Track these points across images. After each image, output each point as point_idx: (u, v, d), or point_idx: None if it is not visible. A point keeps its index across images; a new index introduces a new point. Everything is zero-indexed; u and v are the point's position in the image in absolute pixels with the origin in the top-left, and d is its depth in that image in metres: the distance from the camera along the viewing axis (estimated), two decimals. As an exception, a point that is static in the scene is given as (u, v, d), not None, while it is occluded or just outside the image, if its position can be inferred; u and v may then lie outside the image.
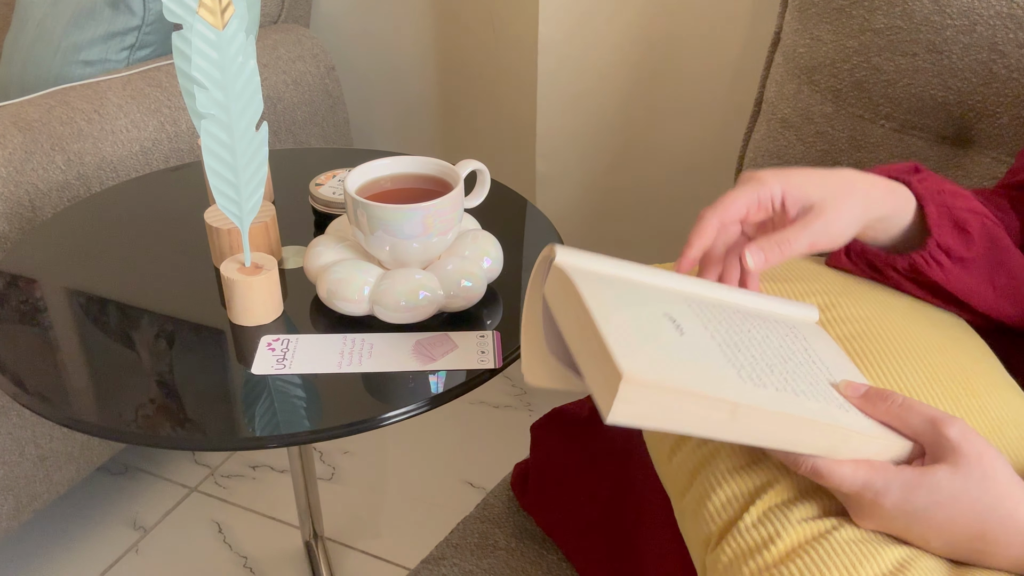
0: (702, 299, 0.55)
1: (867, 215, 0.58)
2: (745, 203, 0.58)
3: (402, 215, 0.68)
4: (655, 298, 0.52)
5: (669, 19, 1.35)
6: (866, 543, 0.47)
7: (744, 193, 0.57)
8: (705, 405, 0.45)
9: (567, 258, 0.53)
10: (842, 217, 0.57)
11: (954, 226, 0.61)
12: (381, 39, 1.64)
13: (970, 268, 0.63)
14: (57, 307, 0.77)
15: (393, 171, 0.76)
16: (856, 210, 0.57)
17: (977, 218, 0.61)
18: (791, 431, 0.47)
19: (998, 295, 0.64)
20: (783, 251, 0.56)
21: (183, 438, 0.63)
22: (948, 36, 0.86)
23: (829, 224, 0.56)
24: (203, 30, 0.62)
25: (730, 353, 0.49)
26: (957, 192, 0.62)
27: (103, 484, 1.44)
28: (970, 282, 0.63)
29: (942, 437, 0.47)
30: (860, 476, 0.47)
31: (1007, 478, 0.46)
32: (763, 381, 0.48)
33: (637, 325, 0.48)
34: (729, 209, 0.57)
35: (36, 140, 1.09)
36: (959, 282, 0.63)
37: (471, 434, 1.54)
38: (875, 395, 0.50)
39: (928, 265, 0.62)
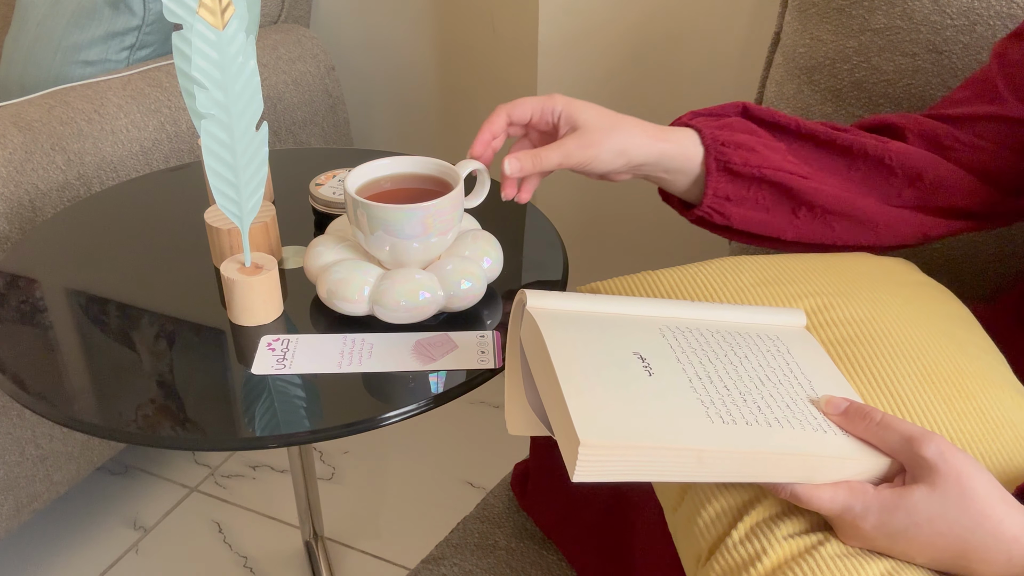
0: (679, 323, 0.55)
1: (632, 151, 0.67)
2: (531, 108, 0.69)
3: (402, 215, 0.68)
4: (627, 334, 0.53)
5: (669, 20, 1.35)
6: (851, 558, 0.47)
7: (534, 100, 0.70)
8: (670, 455, 0.45)
9: (538, 302, 0.53)
10: (597, 144, 0.66)
11: (730, 174, 0.69)
12: (381, 39, 1.64)
13: (761, 207, 0.70)
14: (57, 307, 0.77)
15: (393, 171, 0.75)
16: (616, 144, 0.67)
17: (756, 168, 0.69)
18: (762, 466, 0.47)
19: (804, 223, 0.71)
20: (535, 163, 0.67)
21: (183, 438, 0.63)
22: (948, 36, 0.86)
23: (583, 148, 0.66)
24: (203, 30, 0.62)
25: (700, 388, 0.49)
26: (741, 143, 0.69)
27: (103, 484, 1.44)
28: (765, 218, 0.71)
29: (919, 456, 0.47)
30: (839, 500, 0.47)
31: (987, 494, 0.46)
32: (733, 416, 0.48)
33: (603, 373, 0.48)
34: (517, 108, 0.69)
35: (36, 140, 1.09)
36: (751, 222, 0.71)
37: (471, 434, 1.54)
38: (854, 413, 0.50)
39: (712, 215, 0.71)
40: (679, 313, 0.56)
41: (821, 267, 0.66)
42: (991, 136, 0.72)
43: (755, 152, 0.70)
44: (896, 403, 0.55)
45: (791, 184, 0.70)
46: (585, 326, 0.52)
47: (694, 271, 0.66)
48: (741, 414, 0.48)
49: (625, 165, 0.69)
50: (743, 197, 0.71)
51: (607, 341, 0.51)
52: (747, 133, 0.72)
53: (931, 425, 0.54)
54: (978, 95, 0.73)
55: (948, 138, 0.72)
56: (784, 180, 0.70)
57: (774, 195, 0.71)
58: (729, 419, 0.48)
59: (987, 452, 0.54)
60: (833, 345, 0.58)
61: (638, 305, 0.56)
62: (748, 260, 0.67)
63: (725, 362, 0.52)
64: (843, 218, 0.72)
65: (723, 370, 0.51)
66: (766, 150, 0.71)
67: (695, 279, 0.65)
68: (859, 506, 0.47)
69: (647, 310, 0.56)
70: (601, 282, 0.69)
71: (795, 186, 0.70)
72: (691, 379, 0.50)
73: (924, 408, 0.54)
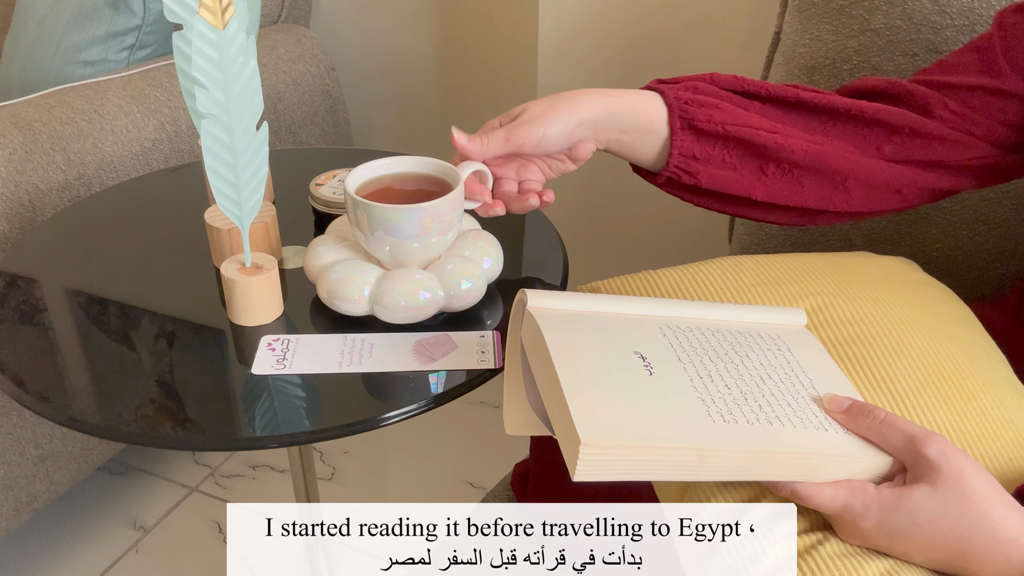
0: (679, 323, 0.55)
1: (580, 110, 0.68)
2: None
3: (402, 215, 0.68)
4: (628, 333, 0.53)
5: (669, 20, 1.35)
6: (851, 557, 0.47)
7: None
8: (671, 454, 0.45)
9: (538, 302, 0.53)
10: (541, 118, 0.68)
11: (695, 132, 0.70)
12: (381, 39, 1.64)
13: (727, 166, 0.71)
14: (57, 307, 0.77)
15: (393, 171, 0.75)
16: (562, 111, 0.69)
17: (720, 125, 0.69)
18: (763, 464, 0.47)
19: (772, 180, 0.71)
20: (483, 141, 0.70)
21: (183, 438, 0.63)
22: (948, 36, 0.86)
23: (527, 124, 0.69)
24: (203, 30, 0.62)
25: (701, 387, 0.50)
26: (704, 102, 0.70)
27: (103, 484, 1.44)
28: (733, 176, 0.71)
29: (921, 456, 0.47)
30: (840, 499, 0.47)
31: (988, 495, 0.46)
32: (734, 415, 0.48)
33: (603, 373, 0.48)
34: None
35: (36, 140, 1.09)
36: (719, 180, 0.71)
37: (471, 434, 1.54)
38: (857, 411, 0.50)
39: (679, 175, 0.71)
40: (680, 312, 0.56)
41: (821, 267, 0.66)
42: (984, 109, 0.70)
43: (719, 109, 0.70)
44: (896, 403, 0.55)
45: (758, 140, 0.69)
46: (586, 326, 0.52)
47: (694, 271, 0.66)
48: (742, 413, 0.48)
49: (578, 127, 0.69)
50: (709, 155, 0.70)
51: (608, 341, 0.51)
52: (711, 95, 0.71)
53: (931, 425, 0.54)
54: (976, 63, 0.72)
55: (939, 107, 0.71)
56: (750, 136, 0.69)
57: (740, 152, 0.70)
58: (730, 418, 0.48)
59: (987, 452, 0.54)
60: (833, 345, 0.58)
61: (639, 304, 0.56)
62: (749, 260, 0.67)
63: (726, 361, 0.52)
64: (813, 174, 0.71)
65: (724, 369, 0.51)
66: (732, 107, 0.71)
67: (695, 278, 0.65)
68: (859, 505, 0.47)
69: (648, 309, 0.56)
70: (601, 281, 0.69)
71: (762, 142, 0.70)
72: (692, 378, 0.50)
73: (924, 408, 0.54)
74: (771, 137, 0.70)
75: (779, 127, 0.71)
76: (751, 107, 0.72)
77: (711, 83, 0.73)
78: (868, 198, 0.72)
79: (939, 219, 0.92)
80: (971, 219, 0.91)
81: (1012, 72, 0.70)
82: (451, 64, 1.61)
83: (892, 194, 0.72)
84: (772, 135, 0.70)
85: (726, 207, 0.74)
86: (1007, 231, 0.90)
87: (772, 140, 0.69)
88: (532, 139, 0.68)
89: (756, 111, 0.72)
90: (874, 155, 0.71)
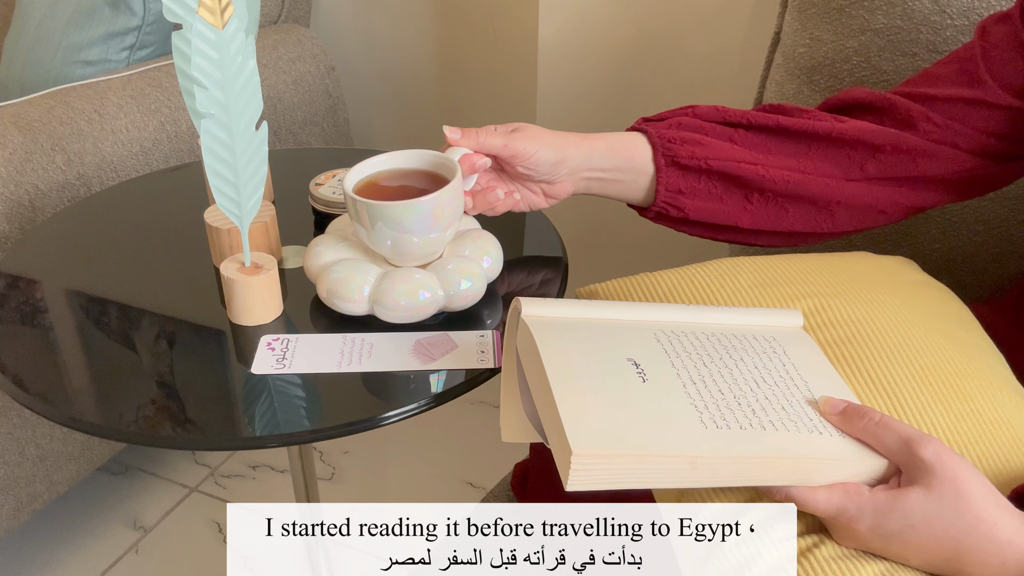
0: (674, 327, 0.55)
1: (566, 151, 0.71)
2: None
3: (403, 211, 0.68)
4: (622, 340, 0.53)
5: (669, 19, 1.35)
6: (846, 559, 0.47)
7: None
8: (663, 463, 0.46)
9: (533, 310, 0.53)
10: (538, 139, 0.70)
11: (679, 168, 0.72)
12: (381, 39, 1.64)
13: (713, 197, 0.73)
14: (57, 307, 0.77)
15: (390, 167, 0.75)
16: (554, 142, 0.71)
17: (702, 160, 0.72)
18: (757, 469, 0.47)
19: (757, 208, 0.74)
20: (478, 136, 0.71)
21: (183, 438, 0.63)
22: (948, 36, 0.86)
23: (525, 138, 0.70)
24: (203, 30, 0.62)
25: (695, 392, 0.50)
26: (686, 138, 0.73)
27: (103, 484, 1.44)
28: (719, 207, 0.74)
29: (916, 458, 0.47)
30: (834, 502, 0.48)
31: (982, 497, 0.46)
32: (727, 420, 0.48)
33: (596, 381, 0.48)
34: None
35: (36, 140, 1.09)
36: (706, 212, 0.74)
37: (471, 434, 1.54)
38: (852, 413, 0.50)
39: (667, 209, 0.74)
40: (675, 317, 0.57)
41: (819, 268, 0.66)
42: (966, 119, 0.71)
43: (701, 145, 0.72)
44: (893, 404, 0.55)
45: (740, 172, 0.72)
46: (580, 334, 0.52)
47: (692, 272, 0.66)
48: (735, 418, 0.48)
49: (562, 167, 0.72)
50: (695, 189, 0.73)
51: (601, 348, 0.51)
52: (694, 130, 0.74)
53: (928, 426, 0.54)
54: (957, 74, 0.72)
55: (921, 119, 0.72)
56: (731, 169, 0.72)
57: (724, 184, 0.73)
58: (723, 423, 0.48)
59: (984, 454, 0.54)
60: (830, 346, 0.58)
61: (634, 310, 0.56)
62: (746, 261, 0.68)
63: (720, 365, 0.52)
64: (796, 201, 0.73)
65: (718, 373, 0.51)
66: (714, 141, 0.73)
67: (693, 281, 0.65)
68: (854, 508, 0.47)
69: (643, 315, 0.56)
70: (600, 284, 0.69)
71: (743, 174, 0.72)
72: (685, 384, 0.50)
73: (921, 409, 0.54)
74: (753, 169, 0.72)
75: (760, 157, 0.73)
76: (735, 136, 0.74)
77: (693, 116, 0.75)
78: (853, 219, 0.74)
79: (939, 219, 0.92)
80: (971, 219, 0.91)
81: (993, 82, 0.71)
82: (451, 64, 1.61)
83: (877, 214, 0.74)
84: (754, 167, 0.72)
85: (716, 235, 0.77)
86: (1007, 231, 0.90)
87: (754, 172, 0.72)
88: (527, 152, 0.70)
89: (739, 141, 0.74)
90: (858, 176, 0.73)
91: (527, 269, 0.82)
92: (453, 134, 0.71)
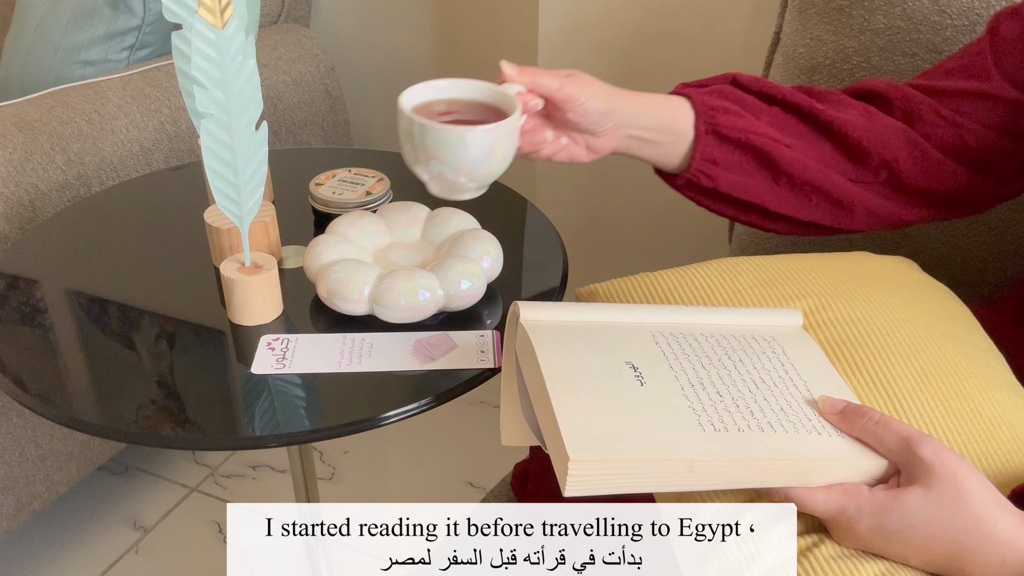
0: (672, 329, 0.55)
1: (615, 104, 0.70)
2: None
3: (461, 137, 0.64)
4: (620, 343, 0.53)
5: (669, 19, 1.35)
6: (846, 559, 0.47)
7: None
8: (660, 467, 0.46)
9: (531, 314, 0.53)
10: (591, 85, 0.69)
11: (718, 138, 0.72)
12: (381, 39, 1.64)
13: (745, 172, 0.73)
14: (57, 307, 0.77)
15: (448, 95, 0.72)
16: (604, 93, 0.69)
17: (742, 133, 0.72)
18: (755, 472, 0.47)
19: (784, 192, 0.74)
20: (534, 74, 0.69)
21: (183, 438, 0.63)
22: (948, 36, 0.86)
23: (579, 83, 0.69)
24: (203, 30, 0.62)
25: (693, 395, 0.50)
26: (729, 108, 0.73)
27: (103, 484, 1.44)
28: (749, 183, 0.73)
29: (915, 457, 0.47)
30: (833, 502, 0.48)
31: (982, 497, 0.46)
32: (725, 423, 0.48)
33: (594, 386, 0.48)
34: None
35: (36, 140, 1.09)
36: (736, 186, 0.74)
37: (471, 434, 1.54)
38: (852, 412, 0.50)
39: (699, 178, 0.73)
40: (674, 319, 0.56)
41: (819, 267, 0.66)
42: (973, 114, 0.72)
43: (741, 117, 0.72)
44: (893, 404, 0.55)
45: (773, 151, 0.72)
46: (578, 338, 0.52)
47: (692, 272, 0.66)
48: (733, 420, 0.48)
49: (610, 118, 0.70)
50: (729, 161, 0.73)
51: (599, 352, 0.51)
52: (734, 101, 0.74)
53: (928, 426, 0.54)
54: (967, 68, 0.73)
55: (930, 113, 0.73)
56: (767, 146, 0.72)
57: (756, 161, 0.73)
58: (721, 426, 0.48)
59: (983, 453, 0.54)
60: (830, 345, 0.58)
61: (633, 312, 0.56)
62: (746, 261, 0.68)
63: (719, 367, 0.52)
64: (819, 193, 0.74)
65: (716, 375, 0.51)
66: (752, 116, 0.73)
67: (693, 280, 0.65)
68: (853, 508, 0.47)
69: (642, 317, 0.56)
70: (600, 284, 0.69)
71: (776, 153, 0.72)
72: (683, 386, 0.50)
73: (921, 409, 0.54)
74: (786, 151, 0.72)
75: (793, 141, 0.74)
76: (770, 113, 0.74)
77: (733, 85, 0.75)
78: (871, 223, 0.76)
79: (939, 219, 0.92)
80: (971, 219, 0.91)
81: (1000, 76, 0.71)
82: (451, 64, 1.61)
83: (897, 221, 0.76)
84: (787, 149, 0.72)
85: (739, 214, 0.76)
86: (1007, 231, 0.90)
87: (786, 154, 0.72)
88: (580, 97, 0.68)
89: (774, 118, 0.74)
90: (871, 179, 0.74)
91: (527, 269, 0.82)
92: (510, 69, 0.69)
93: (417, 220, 0.81)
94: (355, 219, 0.80)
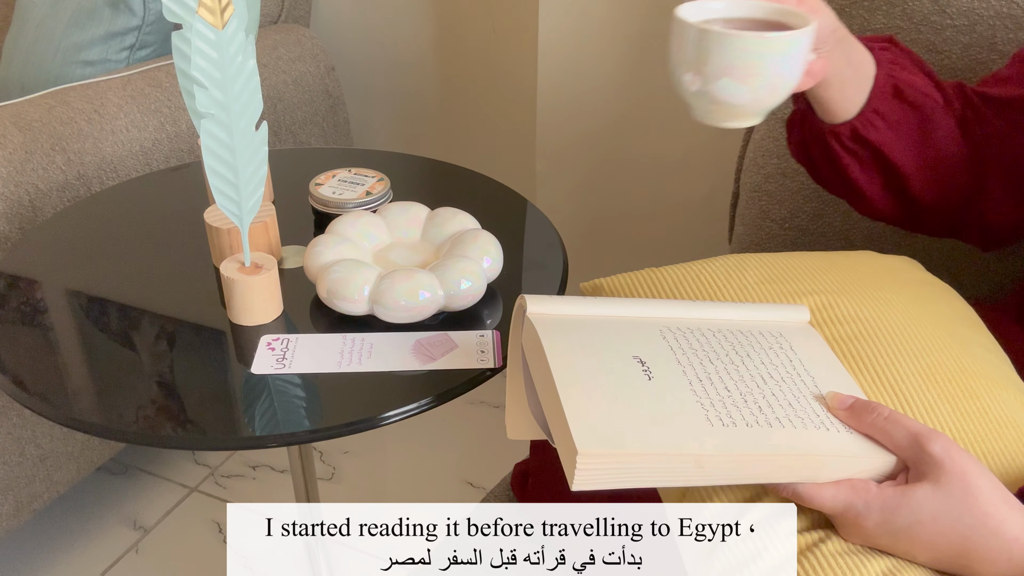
0: (680, 324, 0.55)
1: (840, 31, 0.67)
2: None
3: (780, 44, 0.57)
4: (627, 338, 0.53)
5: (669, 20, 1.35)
6: (852, 555, 0.47)
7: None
8: (669, 461, 0.45)
9: (538, 308, 0.53)
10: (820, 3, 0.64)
11: (893, 94, 0.72)
12: (381, 39, 1.64)
13: (903, 135, 0.73)
14: (57, 307, 0.77)
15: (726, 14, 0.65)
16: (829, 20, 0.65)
17: (916, 92, 0.72)
18: (763, 467, 0.47)
19: (924, 165, 0.74)
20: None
21: (183, 438, 0.63)
22: (948, 36, 0.86)
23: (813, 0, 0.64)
24: (203, 30, 0.62)
25: (701, 390, 0.49)
26: (906, 66, 0.73)
27: (103, 484, 1.44)
28: (902, 147, 0.73)
29: (925, 453, 0.47)
30: (841, 498, 0.47)
31: (990, 494, 0.46)
32: (733, 418, 0.48)
33: (601, 380, 0.48)
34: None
35: (36, 140, 1.09)
36: (893, 147, 0.73)
37: (471, 434, 1.54)
38: (861, 408, 0.50)
39: (865, 127, 0.72)
40: (681, 313, 0.56)
41: (824, 265, 0.66)
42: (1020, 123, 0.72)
43: (912, 75, 0.73)
44: (899, 401, 0.55)
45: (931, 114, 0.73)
46: (585, 332, 0.52)
47: (698, 268, 0.66)
48: (741, 415, 0.48)
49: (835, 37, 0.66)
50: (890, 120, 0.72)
51: (607, 346, 0.51)
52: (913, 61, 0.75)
53: (934, 424, 0.54)
54: (1020, 75, 0.74)
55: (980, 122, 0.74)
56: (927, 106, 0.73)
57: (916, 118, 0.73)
58: (729, 421, 0.47)
59: (990, 451, 0.54)
60: (836, 343, 0.58)
61: (640, 307, 0.56)
62: (752, 258, 0.67)
63: (726, 362, 0.52)
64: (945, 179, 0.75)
65: (724, 370, 0.51)
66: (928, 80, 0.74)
67: (698, 277, 0.65)
68: (861, 504, 0.47)
69: (649, 311, 0.56)
70: (604, 279, 0.69)
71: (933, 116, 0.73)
72: (691, 381, 0.50)
73: (927, 406, 0.54)
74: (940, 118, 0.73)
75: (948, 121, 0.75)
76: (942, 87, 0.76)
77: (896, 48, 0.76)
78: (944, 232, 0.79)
79: (939, 219, 0.92)
80: (971, 219, 0.90)
81: None
82: (451, 64, 1.61)
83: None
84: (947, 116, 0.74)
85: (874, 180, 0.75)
86: (1007, 231, 0.90)
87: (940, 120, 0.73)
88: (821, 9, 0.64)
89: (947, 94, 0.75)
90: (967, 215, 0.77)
91: (527, 269, 0.82)
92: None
93: (417, 220, 0.81)
94: (355, 219, 0.80)
